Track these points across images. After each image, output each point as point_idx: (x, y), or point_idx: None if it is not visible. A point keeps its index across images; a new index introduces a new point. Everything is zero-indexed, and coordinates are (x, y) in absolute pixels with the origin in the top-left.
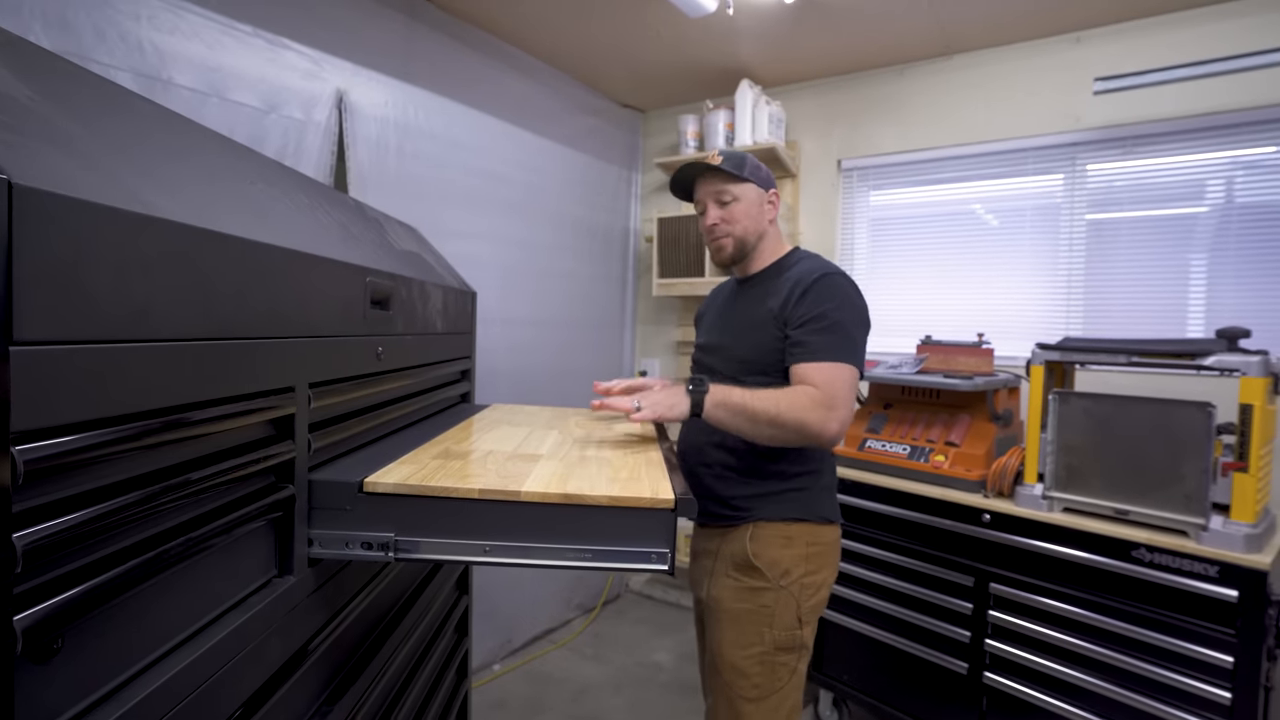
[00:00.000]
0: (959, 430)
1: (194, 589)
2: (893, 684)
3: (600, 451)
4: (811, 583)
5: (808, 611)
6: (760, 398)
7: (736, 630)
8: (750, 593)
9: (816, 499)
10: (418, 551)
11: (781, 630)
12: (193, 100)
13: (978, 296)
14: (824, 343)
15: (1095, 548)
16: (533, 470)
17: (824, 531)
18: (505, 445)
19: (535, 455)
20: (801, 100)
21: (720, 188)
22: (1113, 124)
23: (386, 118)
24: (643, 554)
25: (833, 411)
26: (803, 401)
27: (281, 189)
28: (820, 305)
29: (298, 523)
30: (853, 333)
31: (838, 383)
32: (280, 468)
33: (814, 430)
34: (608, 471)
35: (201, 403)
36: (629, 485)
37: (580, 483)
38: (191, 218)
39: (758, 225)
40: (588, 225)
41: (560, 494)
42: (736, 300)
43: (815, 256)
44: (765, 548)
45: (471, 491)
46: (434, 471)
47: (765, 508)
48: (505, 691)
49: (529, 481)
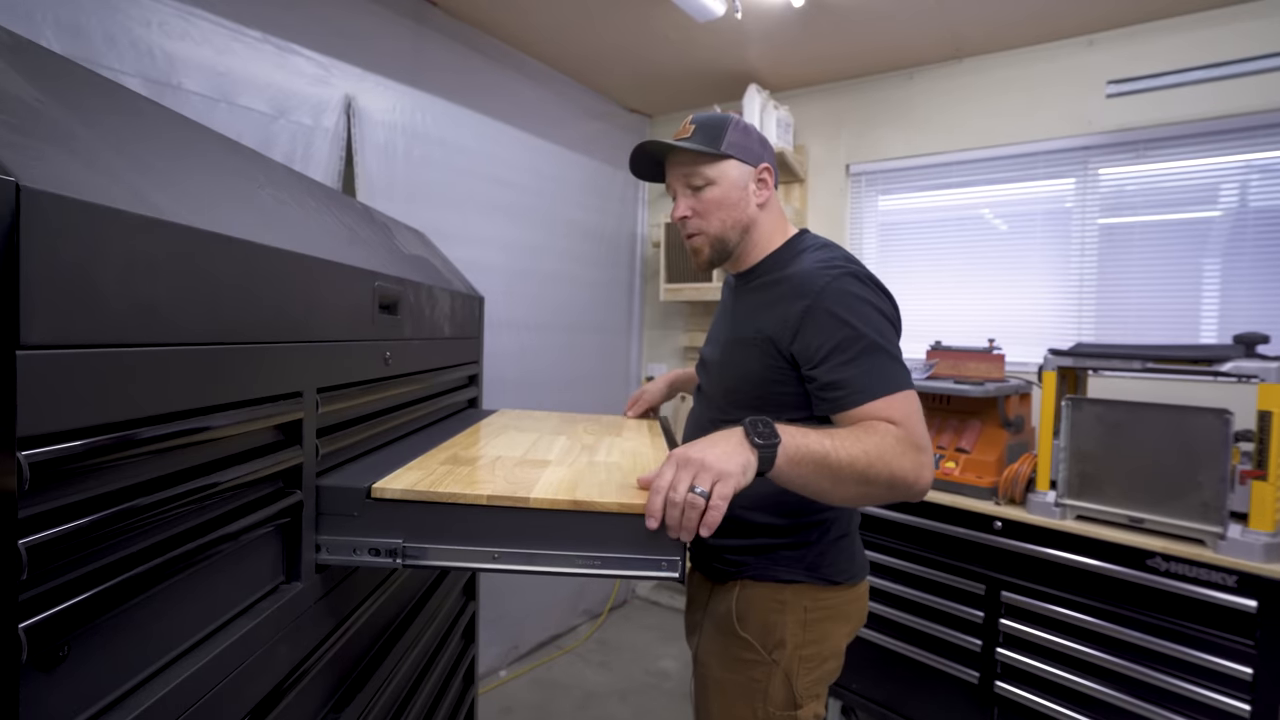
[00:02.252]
0: (970, 436)
1: (201, 595)
2: (902, 692)
3: (610, 457)
4: (813, 655)
5: (807, 688)
6: (844, 445)
7: (724, 701)
8: (738, 663)
9: (821, 556)
10: (426, 558)
11: (776, 708)
12: (202, 105)
13: (988, 302)
14: (868, 374)
15: (1109, 556)
16: (541, 476)
17: (829, 594)
18: (513, 451)
19: (544, 461)
20: (809, 104)
21: (689, 170)
22: (1125, 127)
23: (394, 123)
24: (653, 561)
25: (922, 454)
26: (890, 445)
27: (289, 193)
28: (841, 329)
29: (305, 529)
30: (892, 350)
31: (915, 416)
32: (288, 473)
33: (909, 481)
34: (617, 478)
35: (209, 408)
36: (639, 492)
37: (589, 489)
38: (199, 221)
39: (740, 215)
40: (595, 230)
41: (569, 500)
42: (734, 302)
43: (826, 247)
44: (753, 612)
45: (480, 498)
46: (442, 477)
47: (754, 565)
48: (512, 698)
49: (537, 488)
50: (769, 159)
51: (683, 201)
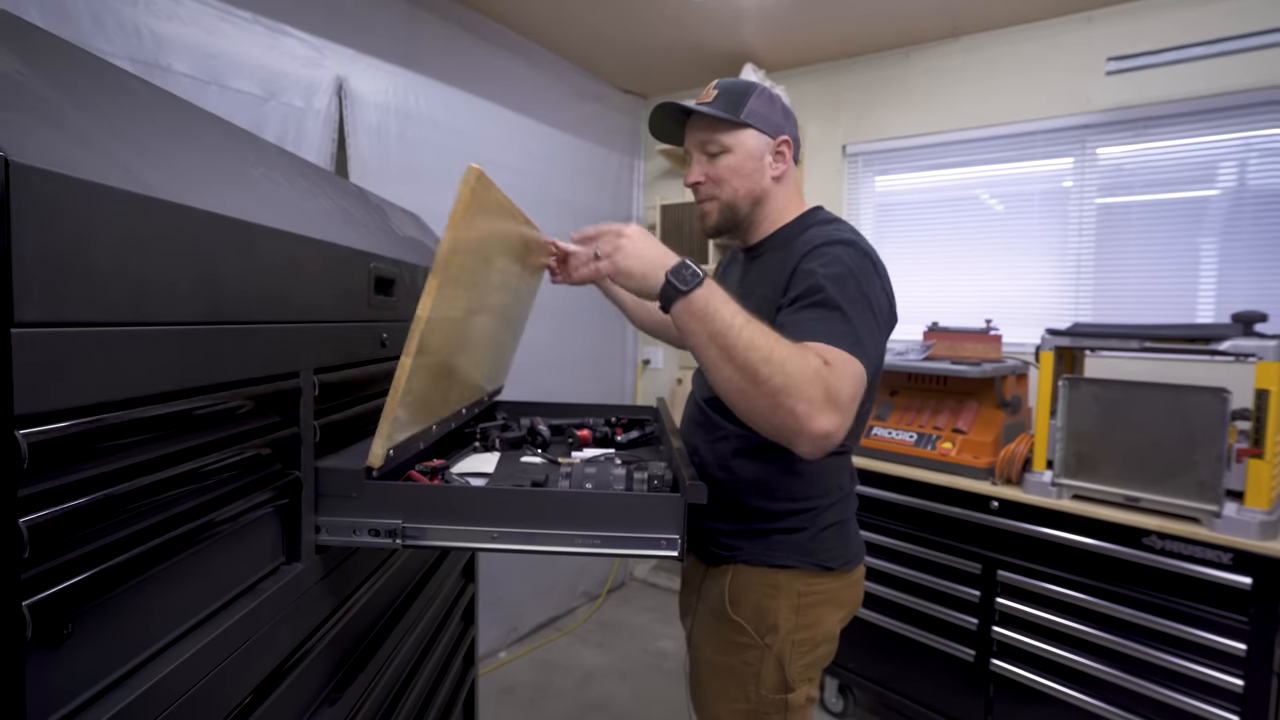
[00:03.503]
0: (966, 417)
1: (203, 575)
2: (899, 671)
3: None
4: (805, 640)
5: (800, 671)
6: (752, 331)
7: (718, 684)
8: (731, 646)
9: (814, 542)
10: (425, 538)
11: (769, 691)
12: (192, 88)
13: (985, 282)
14: (821, 321)
15: (1105, 535)
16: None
17: (822, 580)
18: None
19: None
20: (806, 84)
21: (706, 135)
22: (1124, 105)
23: (387, 104)
24: (652, 540)
25: (832, 408)
26: (805, 367)
27: (282, 173)
28: (809, 279)
29: (305, 509)
30: (854, 320)
31: (847, 374)
32: (286, 454)
33: (799, 413)
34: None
35: (206, 387)
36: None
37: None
38: (192, 199)
39: (754, 185)
40: (590, 212)
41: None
42: (742, 275)
43: (835, 222)
44: (746, 596)
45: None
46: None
47: (747, 549)
48: (512, 678)
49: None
50: (790, 131)
51: (697, 167)
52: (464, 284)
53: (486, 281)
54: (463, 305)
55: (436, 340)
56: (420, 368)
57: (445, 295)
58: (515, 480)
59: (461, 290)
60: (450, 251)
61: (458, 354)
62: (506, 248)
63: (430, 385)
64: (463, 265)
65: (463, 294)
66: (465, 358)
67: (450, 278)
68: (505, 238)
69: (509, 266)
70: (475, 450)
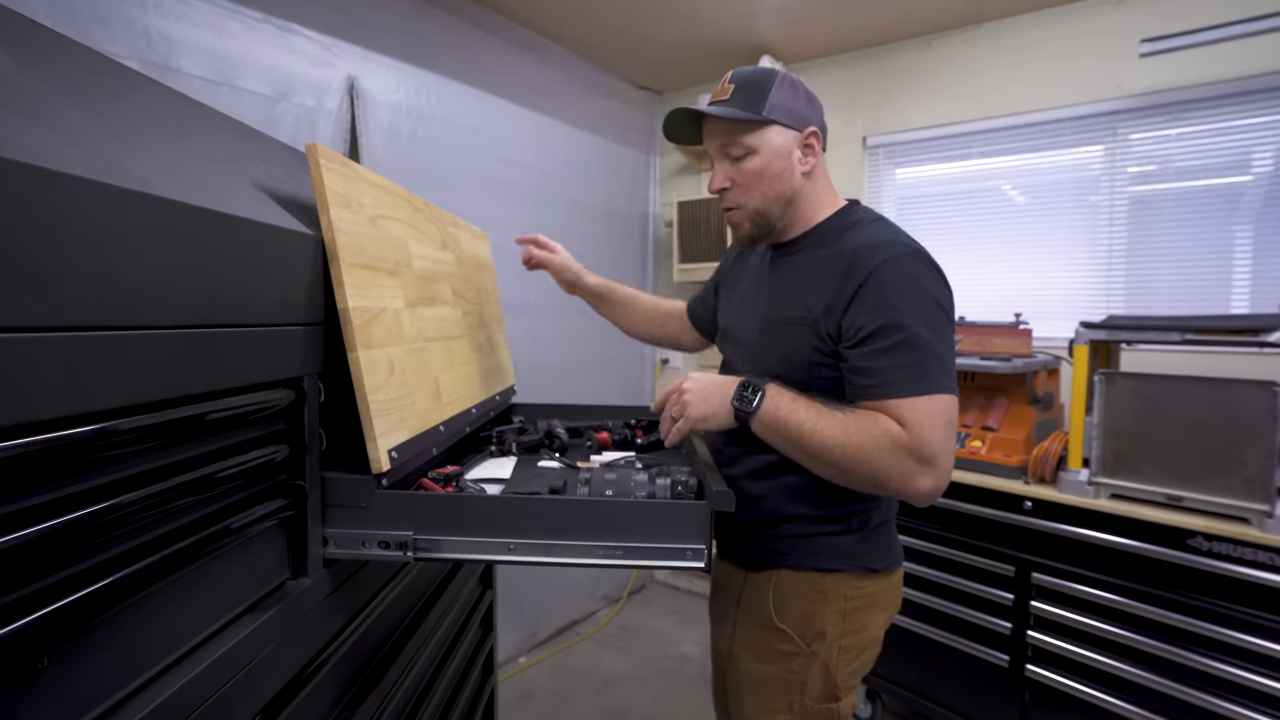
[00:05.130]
0: (996, 414)
1: (201, 595)
2: (928, 676)
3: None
4: (852, 645)
5: (846, 679)
6: (826, 426)
7: (760, 696)
8: (775, 655)
9: (861, 544)
10: (438, 551)
11: (814, 701)
12: (203, 89)
13: (1011, 276)
14: (901, 367)
15: (1146, 536)
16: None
17: (868, 582)
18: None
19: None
20: (824, 75)
21: (727, 138)
22: (1157, 89)
23: (399, 104)
24: (677, 551)
25: (925, 465)
26: (881, 446)
27: (287, 170)
28: (886, 312)
29: (311, 522)
30: (938, 347)
31: (933, 423)
32: (290, 464)
33: (893, 486)
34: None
35: (200, 395)
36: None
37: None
38: (188, 196)
39: (784, 186)
40: (605, 210)
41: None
42: (770, 272)
43: (879, 221)
44: (791, 603)
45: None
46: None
47: (792, 554)
48: (532, 684)
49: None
50: (817, 120)
51: (720, 171)
52: (386, 271)
53: (410, 268)
54: (398, 294)
55: (380, 332)
56: (377, 362)
57: (364, 283)
58: (532, 486)
59: (388, 278)
60: (337, 234)
61: (423, 347)
62: (416, 232)
63: (409, 381)
64: (374, 253)
65: (392, 281)
66: (440, 352)
67: (360, 263)
68: (410, 221)
69: (434, 254)
70: (491, 455)
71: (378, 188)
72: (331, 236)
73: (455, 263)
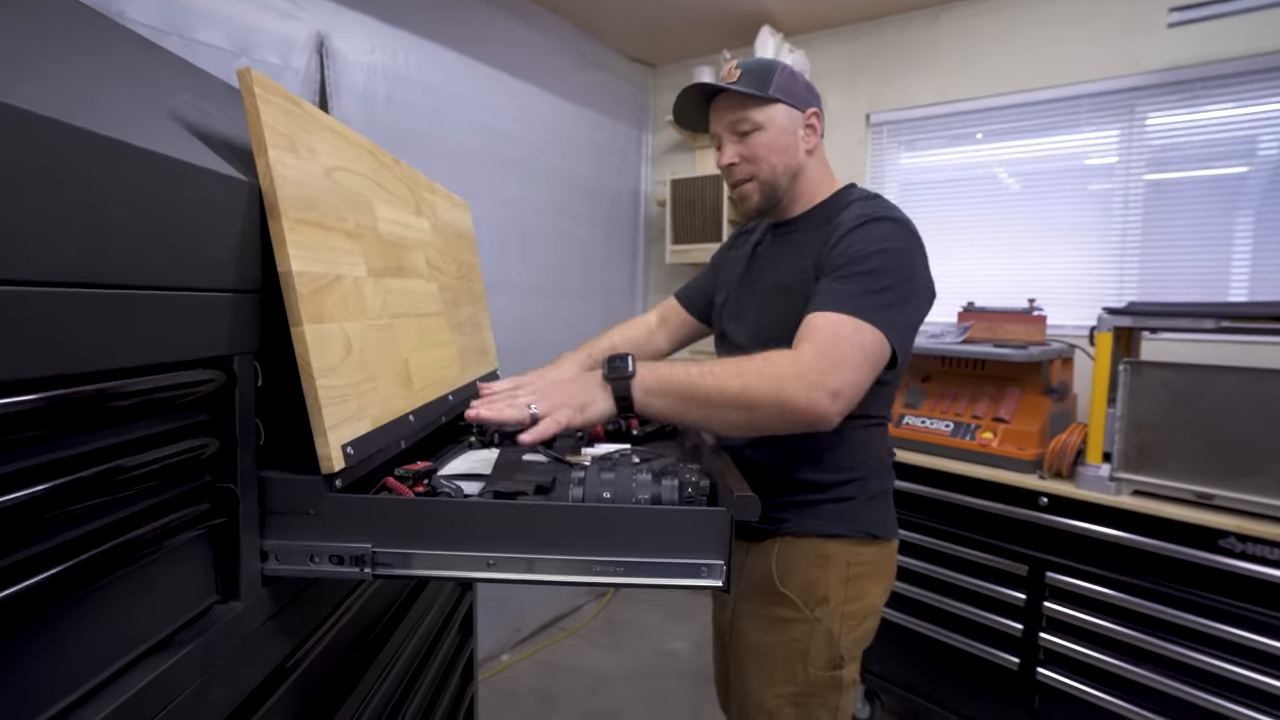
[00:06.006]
0: (1008, 405)
1: (97, 629)
2: (931, 677)
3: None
4: (854, 611)
5: (850, 646)
6: (714, 372)
7: (763, 668)
8: (778, 624)
9: (862, 510)
10: (403, 566)
11: (818, 669)
12: (150, 39)
13: (1020, 261)
14: (843, 293)
15: (1171, 535)
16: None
17: (868, 550)
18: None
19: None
20: (826, 49)
21: (737, 115)
22: (1178, 65)
23: (374, 65)
24: (689, 567)
25: (824, 378)
26: (780, 369)
27: (218, 104)
28: (853, 250)
29: (245, 532)
30: (887, 286)
31: (841, 341)
32: (218, 463)
33: (799, 407)
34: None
35: (93, 374)
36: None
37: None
38: (70, 116)
39: (791, 160)
40: (594, 187)
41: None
42: (768, 250)
43: (876, 197)
44: (795, 569)
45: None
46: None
47: (795, 520)
48: (515, 683)
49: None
50: (816, 104)
51: (729, 148)
52: (344, 232)
53: (376, 232)
54: (359, 260)
55: (334, 304)
56: (330, 340)
57: (315, 244)
58: (516, 483)
59: (346, 241)
60: (279, 182)
61: (390, 324)
62: (383, 192)
63: (371, 363)
64: (330, 210)
65: (351, 245)
66: (411, 331)
67: (309, 220)
68: (376, 179)
69: (405, 219)
70: (471, 446)
71: (336, 134)
72: (271, 184)
73: (431, 231)
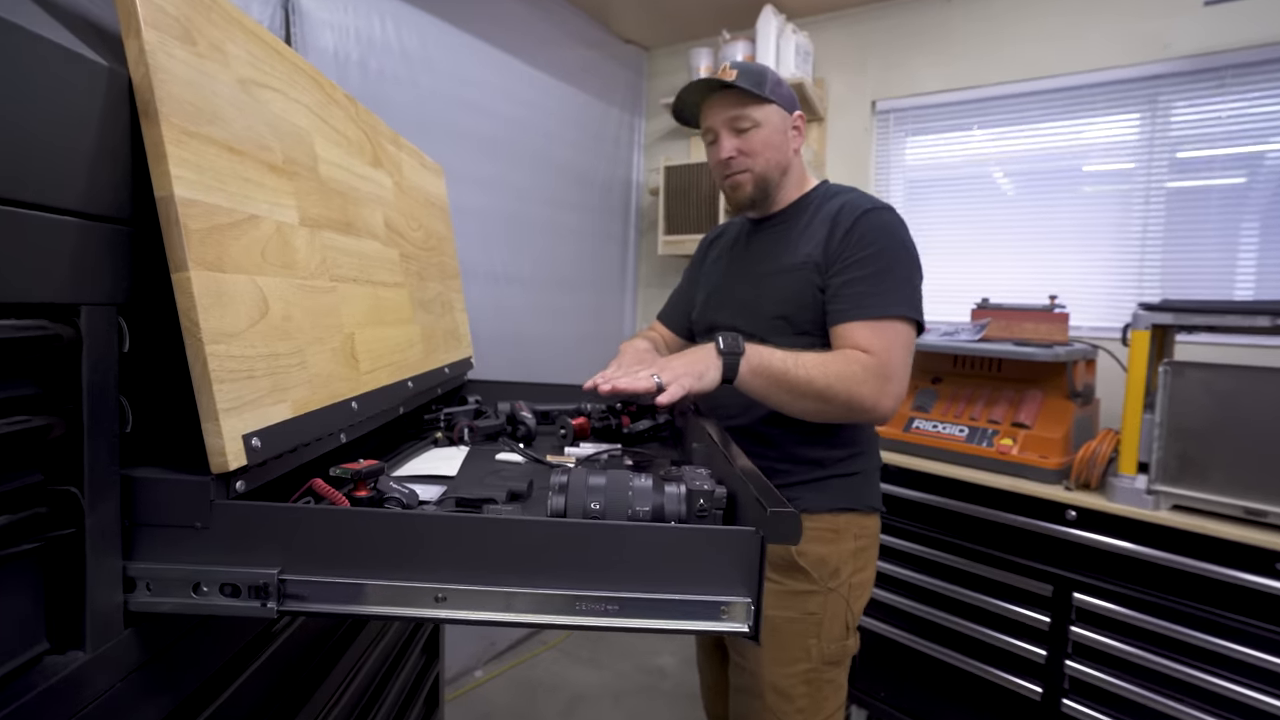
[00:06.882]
0: (1029, 409)
1: None
2: (941, 704)
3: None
4: (860, 581)
5: (856, 616)
6: (805, 364)
7: (777, 645)
8: (793, 598)
9: (865, 484)
10: (320, 600)
11: (830, 642)
12: None
13: (1031, 260)
14: (875, 293)
15: (1219, 556)
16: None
17: (870, 522)
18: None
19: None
20: (831, 31)
21: (736, 112)
22: (1209, 51)
23: (346, 26)
24: (705, 606)
25: (888, 384)
26: (855, 372)
27: None
28: (866, 247)
29: (95, 553)
30: (908, 278)
31: (895, 347)
32: (57, 454)
33: (866, 406)
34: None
35: None
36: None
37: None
38: None
39: (782, 157)
40: (583, 172)
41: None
42: (752, 244)
43: (853, 190)
44: (810, 543)
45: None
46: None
47: (807, 496)
48: (489, 702)
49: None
50: (800, 109)
51: (728, 142)
52: (265, 164)
53: (315, 174)
54: (288, 202)
55: (242, 250)
56: (232, 294)
57: (217, 168)
58: (485, 489)
59: (269, 175)
60: (156, 74)
61: (332, 289)
62: (329, 130)
63: (298, 331)
64: (242, 130)
65: (276, 182)
66: (361, 300)
67: (208, 136)
68: (320, 113)
69: (358, 167)
70: (437, 444)
71: (261, 43)
72: (146, 76)
73: (394, 190)
